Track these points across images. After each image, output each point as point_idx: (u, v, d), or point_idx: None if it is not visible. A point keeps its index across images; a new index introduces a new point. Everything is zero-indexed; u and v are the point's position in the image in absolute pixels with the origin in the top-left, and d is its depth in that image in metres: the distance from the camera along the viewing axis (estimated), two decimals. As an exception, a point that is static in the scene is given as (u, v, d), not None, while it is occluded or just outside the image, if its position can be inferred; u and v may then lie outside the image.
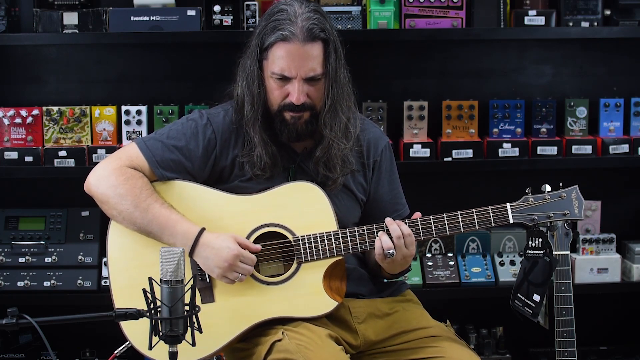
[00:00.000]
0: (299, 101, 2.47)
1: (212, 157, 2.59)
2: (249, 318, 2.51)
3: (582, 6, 3.51)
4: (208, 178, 2.60)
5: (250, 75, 2.53)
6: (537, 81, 3.74)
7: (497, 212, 2.50)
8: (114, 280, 2.58)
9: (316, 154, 2.55)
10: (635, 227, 3.78)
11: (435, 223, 2.50)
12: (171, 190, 2.57)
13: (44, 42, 3.54)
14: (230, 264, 2.44)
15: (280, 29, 2.45)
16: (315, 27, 2.46)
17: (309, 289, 2.50)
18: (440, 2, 3.44)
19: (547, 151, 3.54)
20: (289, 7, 2.49)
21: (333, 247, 2.50)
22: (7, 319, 2.05)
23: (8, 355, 3.58)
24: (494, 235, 3.68)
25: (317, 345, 2.40)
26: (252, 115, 2.53)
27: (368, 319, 2.59)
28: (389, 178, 2.70)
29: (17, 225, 3.55)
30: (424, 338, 2.53)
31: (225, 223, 2.53)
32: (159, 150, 2.57)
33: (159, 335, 2.01)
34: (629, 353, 3.78)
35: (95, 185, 2.55)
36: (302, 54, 2.45)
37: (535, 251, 2.55)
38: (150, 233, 2.51)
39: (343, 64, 2.55)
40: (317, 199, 2.52)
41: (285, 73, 2.47)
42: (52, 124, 3.46)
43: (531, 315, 2.57)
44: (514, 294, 2.59)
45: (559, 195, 2.52)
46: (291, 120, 2.51)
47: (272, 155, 2.54)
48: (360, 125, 2.63)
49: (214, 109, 2.66)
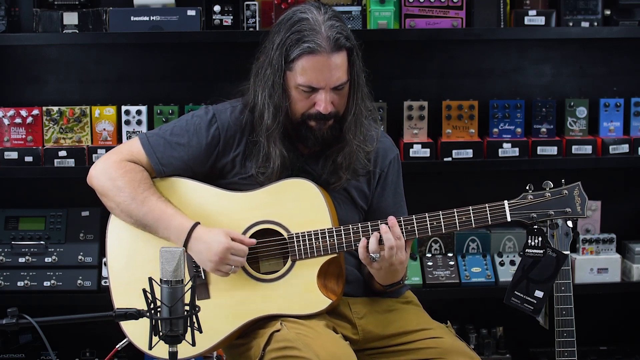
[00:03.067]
0: (326, 111, 2.46)
1: (215, 153, 2.59)
2: (243, 315, 2.52)
3: (582, 6, 3.51)
4: (209, 174, 2.61)
5: (273, 86, 2.49)
6: (537, 81, 3.74)
7: (494, 209, 2.47)
8: (113, 278, 2.60)
9: (337, 159, 2.54)
10: (635, 227, 3.78)
11: (431, 221, 2.48)
12: (169, 187, 2.59)
13: (44, 42, 3.54)
14: (221, 257, 2.45)
15: (306, 41, 2.42)
16: (340, 37, 2.44)
17: (302, 286, 2.50)
18: (440, 2, 3.44)
19: (547, 151, 3.54)
20: (310, 15, 2.46)
21: (327, 244, 2.49)
22: (7, 319, 2.04)
23: (8, 355, 3.58)
24: (494, 235, 3.68)
25: (316, 333, 2.40)
26: (274, 126, 2.50)
27: (368, 315, 2.59)
28: (393, 191, 2.69)
29: (17, 225, 3.55)
30: (425, 339, 2.52)
31: (221, 220, 2.54)
32: (160, 146, 2.58)
33: (159, 335, 2.01)
34: (629, 353, 3.78)
35: (96, 178, 2.59)
36: (330, 65, 2.43)
37: (535, 250, 2.52)
38: (146, 226, 2.53)
39: (362, 68, 2.55)
40: (312, 196, 2.52)
41: (314, 84, 2.45)
42: (52, 124, 3.46)
43: (532, 312, 2.56)
44: (510, 291, 2.57)
45: (560, 193, 2.47)
46: (316, 127, 2.50)
47: (284, 164, 2.54)
48: (378, 130, 2.64)
49: (221, 105, 2.65)
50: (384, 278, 2.52)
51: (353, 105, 2.52)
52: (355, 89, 2.52)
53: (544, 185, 2.49)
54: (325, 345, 2.36)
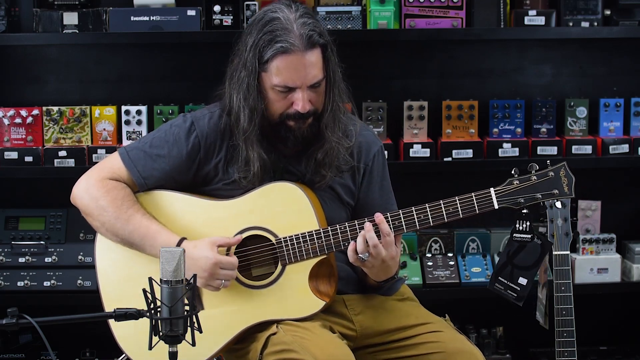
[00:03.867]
0: (304, 110, 2.44)
1: (196, 161, 2.57)
2: (238, 323, 2.51)
3: (582, 6, 3.51)
4: (192, 182, 2.60)
5: (247, 89, 2.47)
6: (537, 81, 3.74)
7: (480, 197, 2.44)
8: (104, 292, 2.60)
9: (317, 157, 2.52)
10: (635, 227, 3.78)
11: (418, 214, 2.45)
12: (153, 201, 2.57)
13: (44, 42, 3.54)
14: (210, 273, 2.43)
15: (278, 41, 2.40)
16: (313, 34, 2.42)
17: (295, 290, 2.49)
18: (440, 2, 3.44)
19: (547, 151, 3.54)
20: (281, 14, 2.44)
21: (316, 246, 2.48)
22: (7, 319, 2.04)
23: (8, 355, 3.58)
24: (493, 235, 3.68)
25: (313, 335, 2.40)
26: (250, 129, 2.48)
27: (364, 310, 2.59)
28: (380, 184, 2.67)
29: (17, 225, 3.55)
30: (424, 334, 2.51)
31: (207, 230, 2.52)
32: (141, 160, 2.56)
33: (159, 335, 2.01)
34: (629, 353, 3.78)
35: (79, 197, 2.58)
36: (305, 63, 2.41)
37: (522, 235, 2.49)
38: (132, 244, 2.52)
39: (338, 63, 2.53)
40: (296, 199, 2.50)
41: (289, 84, 2.43)
42: (52, 124, 3.46)
43: (515, 299, 2.54)
44: (494, 276, 2.55)
45: (546, 175, 2.43)
46: (295, 126, 2.48)
47: (264, 166, 2.52)
48: (357, 124, 2.61)
49: (199, 112, 2.63)
50: (377, 275, 2.50)
51: (330, 101, 2.50)
52: (332, 85, 2.49)
53: (529, 169, 2.44)
54: (323, 347, 2.35)
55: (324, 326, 2.47)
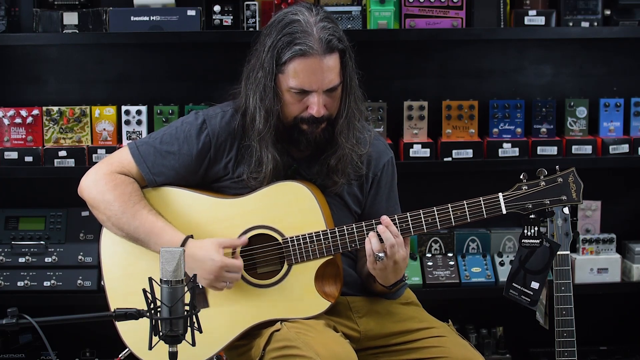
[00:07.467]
0: (319, 114, 2.43)
1: (206, 160, 2.57)
2: (243, 322, 2.51)
3: (582, 6, 3.51)
4: (201, 179, 2.60)
5: (264, 90, 2.46)
6: (537, 81, 3.74)
7: (489, 202, 2.43)
8: (109, 287, 2.60)
9: (330, 162, 2.52)
10: (635, 227, 3.78)
11: (426, 217, 2.45)
12: (160, 197, 2.57)
13: (44, 42, 3.54)
14: (216, 276, 2.44)
15: (297, 43, 2.39)
16: (332, 38, 2.41)
17: (300, 290, 2.49)
18: (440, 2, 3.44)
19: (547, 151, 3.54)
20: (301, 17, 2.43)
21: (322, 247, 2.48)
22: (7, 319, 2.04)
23: (8, 355, 3.58)
24: (493, 235, 3.68)
25: (316, 332, 2.40)
26: (266, 130, 2.47)
27: (368, 313, 2.59)
28: (387, 194, 2.67)
29: (17, 225, 3.55)
30: (427, 338, 2.52)
31: (213, 228, 2.52)
32: (151, 155, 2.56)
33: (159, 335, 2.01)
34: (629, 353, 3.78)
35: (87, 190, 2.57)
36: (322, 67, 2.41)
37: (531, 240, 2.49)
38: (137, 240, 2.52)
39: (355, 69, 2.53)
40: (304, 198, 2.50)
41: (305, 87, 2.42)
42: (52, 124, 3.46)
43: (529, 304, 2.54)
44: (508, 283, 2.56)
45: (555, 181, 2.43)
46: (309, 130, 2.48)
47: (276, 168, 2.52)
48: (371, 133, 2.61)
49: (211, 110, 2.62)
50: (388, 278, 2.49)
51: (345, 107, 2.49)
52: (348, 91, 2.49)
53: (537, 174, 2.44)
54: (326, 344, 2.35)
55: (327, 325, 2.48)
